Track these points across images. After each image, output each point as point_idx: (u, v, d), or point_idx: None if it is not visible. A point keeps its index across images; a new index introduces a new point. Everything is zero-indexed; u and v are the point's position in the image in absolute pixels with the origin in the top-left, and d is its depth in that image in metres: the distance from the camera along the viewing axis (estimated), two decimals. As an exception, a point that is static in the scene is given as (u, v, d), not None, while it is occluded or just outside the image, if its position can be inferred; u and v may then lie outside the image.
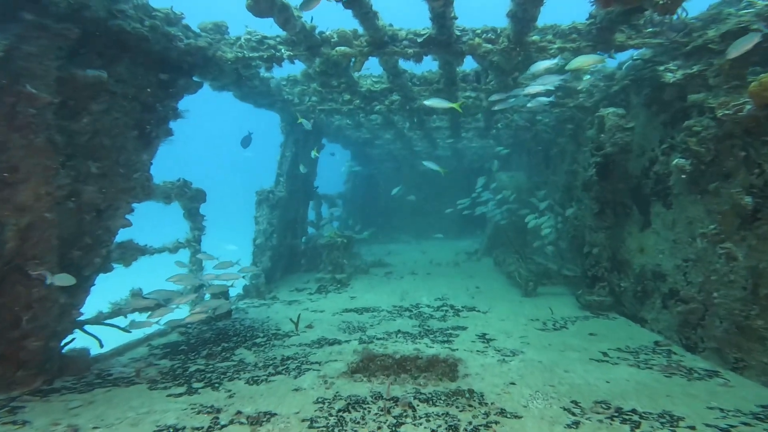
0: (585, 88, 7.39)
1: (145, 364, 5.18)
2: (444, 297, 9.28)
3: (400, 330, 6.83)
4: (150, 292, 5.40)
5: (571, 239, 9.36)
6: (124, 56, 5.20)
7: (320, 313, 8.17)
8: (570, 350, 5.59)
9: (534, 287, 8.85)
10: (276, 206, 10.81)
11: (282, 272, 11.59)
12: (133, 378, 4.80)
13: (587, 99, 8.72)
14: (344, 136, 16.61)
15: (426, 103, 7.82)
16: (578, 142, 9.38)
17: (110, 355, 5.39)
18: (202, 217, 7.46)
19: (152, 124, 5.55)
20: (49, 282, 4.05)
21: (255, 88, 9.62)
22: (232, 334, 6.86)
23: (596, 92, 8.36)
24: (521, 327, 6.86)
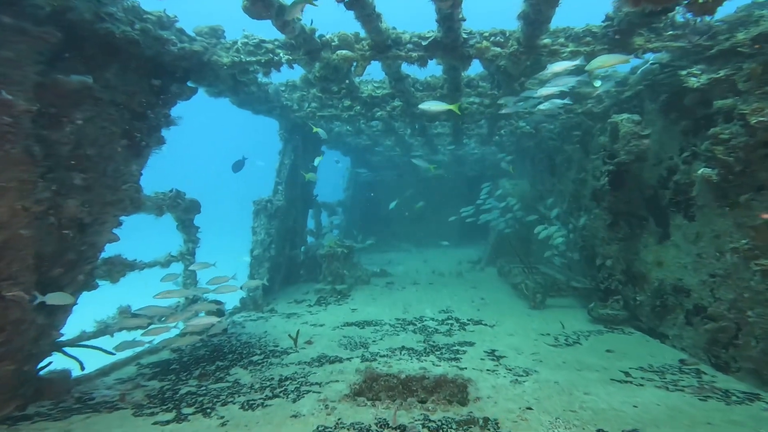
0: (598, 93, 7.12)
1: (131, 385, 4.82)
2: (448, 309, 8.93)
3: (404, 346, 6.48)
4: (139, 309, 5.04)
5: (579, 250, 9.04)
6: (113, 61, 4.92)
7: (320, 327, 7.81)
8: (588, 369, 5.24)
9: (542, 299, 8.51)
10: (274, 216, 10.49)
11: (281, 284, 11.23)
12: (117, 402, 4.43)
13: (596, 105, 8.46)
14: (344, 143, 16.37)
15: (421, 106, 7.52)
16: (586, 150, 9.11)
17: (95, 375, 5.03)
18: (196, 229, 7.13)
19: (143, 133, 5.25)
20: (38, 301, 3.73)
21: (252, 94, 9.38)
22: (228, 351, 6.49)
23: (606, 98, 8.11)
24: (532, 342, 6.51)
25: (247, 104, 9.93)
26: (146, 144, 5.27)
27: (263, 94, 9.96)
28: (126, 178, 4.92)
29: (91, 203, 4.37)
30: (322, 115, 11.52)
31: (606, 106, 8.10)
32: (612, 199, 6.94)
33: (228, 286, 6.64)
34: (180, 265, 6.99)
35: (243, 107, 10.12)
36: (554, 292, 8.50)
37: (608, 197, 6.98)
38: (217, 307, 6.93)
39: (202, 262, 6.22)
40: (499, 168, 18.69)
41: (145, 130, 5.31)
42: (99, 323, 5.24)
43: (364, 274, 11.91)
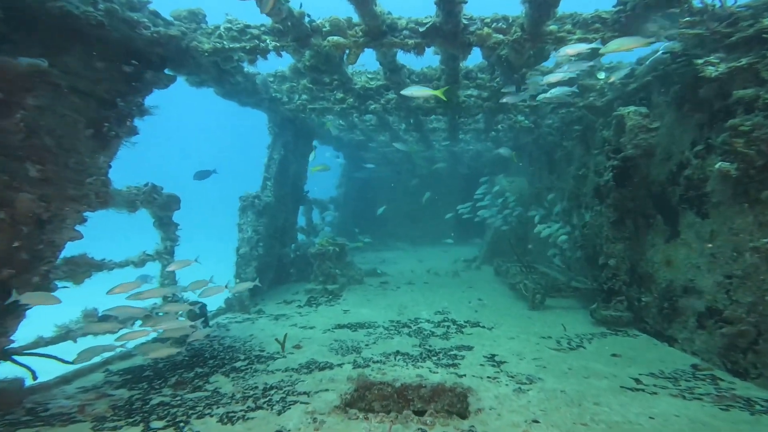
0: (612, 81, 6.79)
1: (95, 395, 4.36)
2: (445, 311, 8.56)
3: (399, 351, 6.09)
4: (108, 311, 4.57)
5: (580, 249, 8.73)
6: (74, 45, 4.45)
7: (310, 330, 7.40)
8: (595, 376, 4.90)
9: (542, 300, 8.19)
10: (262, 212, 10.03)
11: (270, 284, 10.78)
12: (75, 414, 3.97)
13: (598, 98, 8.14)
14: (337, 139, 15.92)
15: (405, 92, 7.11)
16: (588, 145, 8.80)
17: (54, 384, 4.56)
18: (175, 226, 6.64)
19: (112, 122, 4.79)
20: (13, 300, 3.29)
21: (238, 84, 8.89)
22: (209, 356, 6.05)
23: (609, 91, 7.78)
24: (533, 347, 6.16)
25: (233, 95, 9.45)
26: (116, 134, 4.81)
27: (250, 84, 9.49)
28: (92, 170, 4.46)
29: (50, 198, 3.91)
30: (313, 108, 11.07)
31: (609, 100, 7.79)
32: (617, 195, 6.61)
33: (214, 287, 6.21)
34: (157, 265, 6.51)
35: (228, 98, 9.64)
36: (554, 293, 8.19)
37: (613, 194, 6.66)
38: (198, 309, 6.47)
39: (181, 260, 5.75)
40: (495, 165, 18.41)
41: (115, 120, 4.85)
42: (60, 328, 4.77)
43: (357, 274, 11.51)
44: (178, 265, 5.74)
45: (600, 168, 7.82)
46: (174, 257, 6.57)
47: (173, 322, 5.19)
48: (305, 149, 13.28)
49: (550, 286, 8.19)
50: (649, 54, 6.29)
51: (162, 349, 5.24)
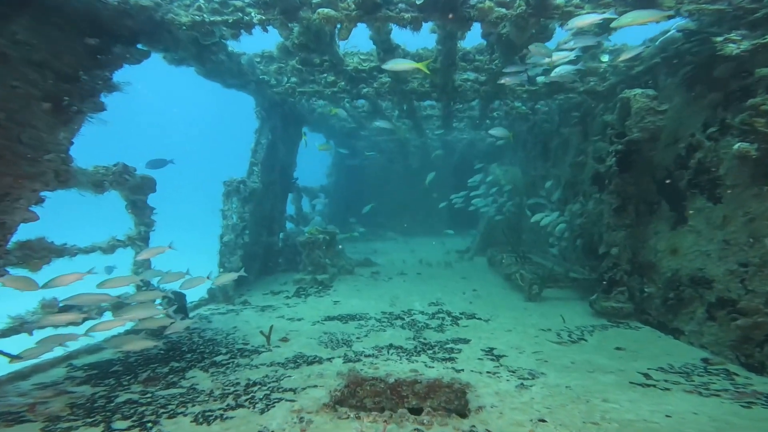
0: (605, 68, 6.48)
1: (51, 392, 3.92)
2: (439, 302, 8.26)
3: (392, 344, 5.76)
4: (69, 299, 4.11)
5: (576, 238, 8.48)
6: (22, 13, 3.95)
7: (298, 322, 7.02)
8: (600, 371, 4.62)
9: (539, 291, 7.92)
10: (249, 199, 9.55)
11: (256, 273, 10.35)
12: (24, 414, 3.54)
13: (599, 83, 7.82)
14: (327, 126, 15.42)
15: (386, 66, 6.68)
16: (586, 132, 8.50)
17: (7, 380, 4.11)
18: (150, 210, 6.15)
19: (73, 97, 4.30)
20: None
21: (222, 64, 8.34)
22: (187, 350, 5.64)
23: (611, 75, 7.46)
24: (533, 339, 5.88)
25: (216, 75, 8.89)
26: (78, 110, 4.32)
27: (235, 65, 8.95)
28: (50, 147, 3.98)
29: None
30: (302, 91, 10.57)
31: (611, 84, 7.47)
32: (619, 181, 6.32)
33: (195, 278, 5.79)
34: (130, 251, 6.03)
35: (211, 78, 9.09)
36: (551, 283, 7.93)
37: (615, 180, 6.36)
38: (176, 299, 6.04)
39: (153, 248, 5.30)
40: (489, 154, 18.10)
41: (77, 94, 4.36)
42: (14, 319, 4.31)
43: (347, 264, 11.14)
44: (150, 252, 5.29)
45: (599, 154, 7.54)
46: (149, 244, 6.10)
47: (147, 311, 4.76)
48: (294, 135, 12.77)
49: (547, 276, 7.93)
50: (658, 35, 5.97)
51: (134, 341, 4.83)
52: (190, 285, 5.70)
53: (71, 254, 4.81)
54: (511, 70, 7.29)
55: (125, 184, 5.61)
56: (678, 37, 5.57)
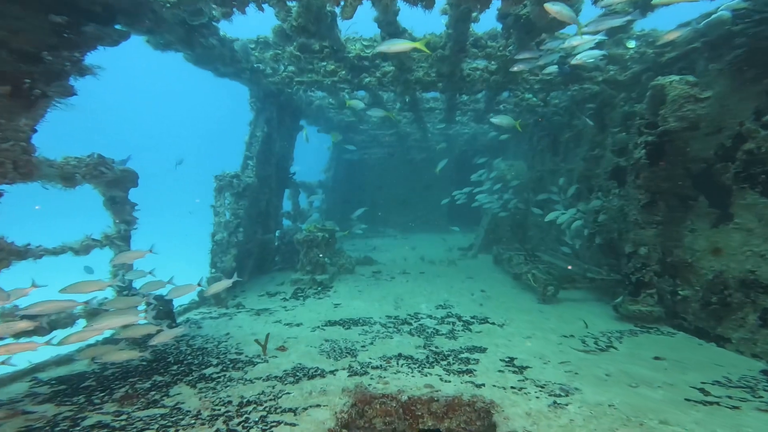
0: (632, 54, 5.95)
1: (4, 413, 3.35)
2: (447, 304, 7.74)
3: (401, 354, 5.23)
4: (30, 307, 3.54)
5: (591, 236, 7.97)
6: None
7: (296, 328, 6.47)
8: (645, 385, 4.11)
9: (554, 292, 7.42)
10: (243, 194, 8.95)
11: (250, 273, 9.77)
12: None
13: (620, 72, 7.29)
14: (325, 119, 14.80)
15: (380, 48, 6.10)
16: (604, 124, 7.98)
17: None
18: (131, 207, 5.53)
19: (36, 79, 3.70)
20: None
21: (213, 49, 7.70)
22: (173, 361, 5.07)
23: (634, 63, 6.93)
24: (556, 347, 5.37)
25: (207, 62, 8.26)
26: (42, 93, 3.72)
27: (227, 51, 8.31)
28: (8, 134, 3.38)
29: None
30: (300, 81, 9.96)
31: (635, 72, 6.94)
32: (649, 175, 5.81)
33: (183, 287, 5.24)
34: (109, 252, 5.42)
35: (202, 66, 8.45)
36: (567, 284, 7.42)
37: (644, 173, 5.85)
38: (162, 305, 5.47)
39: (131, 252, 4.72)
40: (491, 148, 17.58)
41: (41, 77, 3.76)
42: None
43: (347, 262, 10.58)
44: (127, 257, 4.70)
45: (619, 147, 7.03)
46: (129, 244, 5.49)
47: (125, 319, 4.19)
48: (291, 128, 12.17)
49: (563, 276, 7.43)
50: (700, 17, 5.44)
51: (112, 351, 4.26)
52: (178, 293, 5.17)
53: (36, 256, 4.21)
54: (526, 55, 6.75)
55: (101, 178, 4.99)
56: (727, 18, 5.04)
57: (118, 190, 5.33)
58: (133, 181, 5.45)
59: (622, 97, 7.09)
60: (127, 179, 5.36)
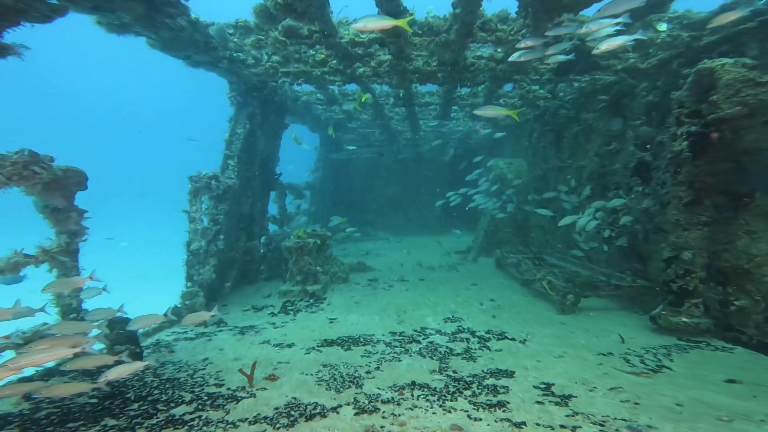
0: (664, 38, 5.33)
1: None
2: (455, 316, 6.93)
3: (414, 382, 4.38)
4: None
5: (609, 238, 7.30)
6: None
7: (288, 350, 5.55)
8: (743, 419, 3.34)
9: (575, 302, 6.69)
10: (223, 198, 7.97)
11: (233, 284, 8.77)
12: None
13: (641, 60, 6.65)
14: (313, 116, 13.89)
15: (357, 25, 5.27)
16: (622, 116, 7.33)
17: None
18: (78, 215, 4.47)
19: None
20: None
21: (182, 32, 6.66)
22: (134, 396, 4.10)
23: (659, 50, 6.30)
24: (596, 369, 4.60)
25: (176, 48, 7.25)
26: None
27: (201, 37, 7.32)
28: None
29: None
30: (286, 72, 9.05)
31: (663, 59, 6.29)
32: (693, 170, 5.12)
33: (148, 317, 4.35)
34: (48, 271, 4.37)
35: (171, 53, 7.47)
36: (589, 292, 6.71)
37: (687, 167, 5.16)
38: (123, 329, 4.49)
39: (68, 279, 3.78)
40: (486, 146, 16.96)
41: None
42: None
43: (341, 270, 9.68)
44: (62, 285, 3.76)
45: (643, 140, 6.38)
46: (77, 259, 4.46)
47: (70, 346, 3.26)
48: (276, 125, 11.22)
49: (584, 283, 6.71)
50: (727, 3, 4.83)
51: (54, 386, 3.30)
52: (141, 324, 4.24)
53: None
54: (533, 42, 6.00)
55: (32, 180, 3.94)
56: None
57: (58, 196, 4.27)
58: (79, 183, 4.39)
59: (645, 87, 6.46)
60: (71, 181, 4.31)
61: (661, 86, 6.22)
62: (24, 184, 3.96)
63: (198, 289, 6.58)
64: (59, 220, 4.30)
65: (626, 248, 6.71)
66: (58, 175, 4.19)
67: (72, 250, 4.39)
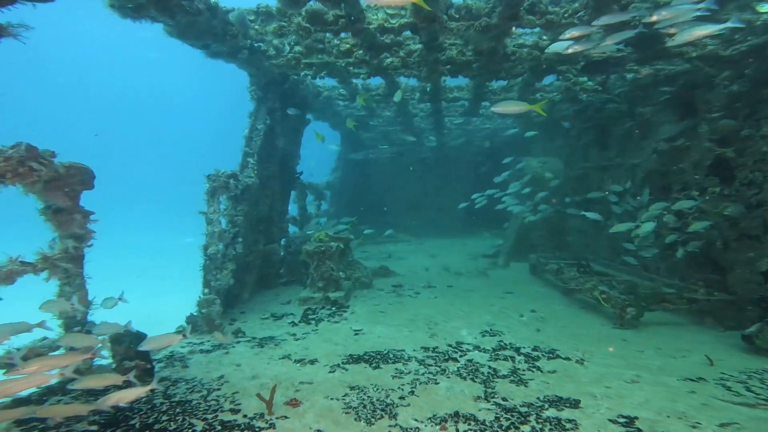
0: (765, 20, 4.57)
1: None
2: (493, 329, 6.23)
3: (458, 413, 3.73)
4: None
5: (674, 244, 6.42)
6: None
7: (310, 367, 4.97)
8: None
9: (637, 315, 5.87)
10: (241, 198, 7.47)
11: (252, 289, 8.27)
12: None
13: (722, 46, 5.84)
14: (334, 113, 13.35)
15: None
16: (693, 110, 6.49)
17: None
18: (84, 217, 3.97)
19: None
20: None
21: (199, 16, 6.18)
22: (140, 425, 3.57)
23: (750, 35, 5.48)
24: (689, 398, 3.84)
25: (193, 36, 6.80)
26: None
27: (220, 23, 6.85)
28: None
29: None
30: (309, 63, 8.54)
31: (754, 45, 5.44)
32: None
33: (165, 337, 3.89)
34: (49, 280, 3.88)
35: (188, 41, 7.02)
36: (654, 305, 5.89)
37: None
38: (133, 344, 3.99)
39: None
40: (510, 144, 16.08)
41: None
42: None
43: (364, 275, 9.07)
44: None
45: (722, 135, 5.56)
46: (81, 266, 3.95)
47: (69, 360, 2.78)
48: (297, 121, 10.71)
49: (650, 296, 5.89)
50: None
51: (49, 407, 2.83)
52: (155, 345, 3.75)
53: None
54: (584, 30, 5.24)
55: (30, 177, 3.44)
56: None
57: (61, 195, 3.77)
58: (84, 181, 3.89)
59: (727, 76, 5.64)
60: (76, 179, 3.82)
61: (750, 75, 5.39)
62: (20, 182, 3.47)
63: (215, 297, 6.07)
64: (62, 222, 3.81)
65: (698, 257, 5.88)
66: (60, 173, 3.70)
67: (77, 256, 3.89)
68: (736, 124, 5.36)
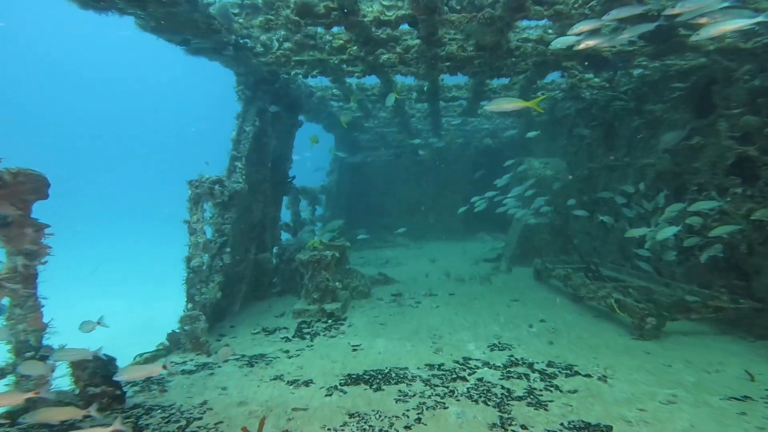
0: None
1: None
2: (502, 342, 5.76)
3: (476, 446, 3.24)
4: None
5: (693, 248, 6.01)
6: None
7: (305, 389, 4.48)
8: None
9: (659, 325, 5.44)
10: (229, 205, 6.96)
11: (243, 300, 7.76)
12: None
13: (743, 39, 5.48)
14: (328, 114, 12.89)
15: None
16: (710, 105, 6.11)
17: None
18: (36, 231, 3.42)
19: None
20: None
21: (174, 6, 5.62)
22: (104, 478, 3.05)
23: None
24: (741, 422, 3.42)
25: (172, 31, 6.30)
26: None
27: (201, 17, 6.32)
28: None
29: None
30: (300, 61, 8.08)
31: None
32: None
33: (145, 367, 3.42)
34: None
35: (165, 36, 6.53)
36: (677, 314, 5.46)
37: None
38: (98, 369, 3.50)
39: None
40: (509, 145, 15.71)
41: None
42: None
43: (362, 284, 8.58)
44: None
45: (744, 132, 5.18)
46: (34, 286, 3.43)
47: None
48: (289, 122, 10.24)
49: (674, 305, 5.45)
50: None
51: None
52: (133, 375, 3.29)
53: None
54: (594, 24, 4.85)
55: None
56: None
57: (6, 205, 3.24)
58: (37, 189, 3.37)
59: (748, 70, 5.28)
60: (26, 187, 3.30)
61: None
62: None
63: (199, 312, 5.55)
64: (10, 237, 3.29)
65: (720, 261, 5.48)
66: (5, 180, 3.19)
67: (28, 275, 3.36)
68: (759, 121, 4.99)
